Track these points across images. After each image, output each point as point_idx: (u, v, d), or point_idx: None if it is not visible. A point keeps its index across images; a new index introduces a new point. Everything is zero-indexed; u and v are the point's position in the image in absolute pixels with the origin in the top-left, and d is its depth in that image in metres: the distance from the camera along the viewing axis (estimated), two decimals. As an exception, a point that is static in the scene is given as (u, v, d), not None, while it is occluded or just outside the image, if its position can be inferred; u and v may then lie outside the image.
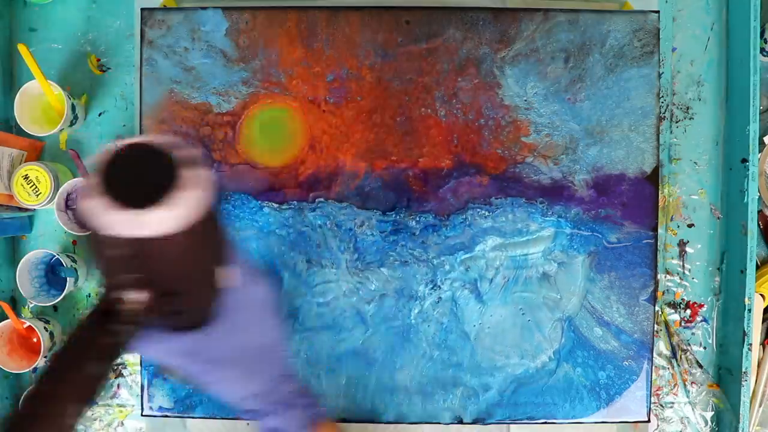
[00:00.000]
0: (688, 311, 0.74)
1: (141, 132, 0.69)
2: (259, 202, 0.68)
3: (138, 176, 0.34)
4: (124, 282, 0.35)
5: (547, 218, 0.69)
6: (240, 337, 0.44)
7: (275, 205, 0.68)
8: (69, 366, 0.35)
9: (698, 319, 0.74)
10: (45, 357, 0.71)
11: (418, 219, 0.69)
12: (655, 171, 0.69)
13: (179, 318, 0.40)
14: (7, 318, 0.70)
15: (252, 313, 0.45)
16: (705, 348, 0.74)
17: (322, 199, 0.68)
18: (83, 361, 0.35)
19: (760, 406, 0.72)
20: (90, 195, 0.33)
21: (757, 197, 0.68)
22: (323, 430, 0.47)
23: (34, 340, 0.72)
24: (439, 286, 0.69)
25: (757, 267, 0.73)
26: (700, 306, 0.74)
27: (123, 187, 0.33)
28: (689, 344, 0.74)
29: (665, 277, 0.74)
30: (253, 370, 0.45)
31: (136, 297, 0.36)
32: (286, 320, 0.52)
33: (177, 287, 0.37)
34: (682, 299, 0.74)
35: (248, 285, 0.45)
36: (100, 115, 0.74)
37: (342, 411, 0.68)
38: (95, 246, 0.35)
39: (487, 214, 0.69)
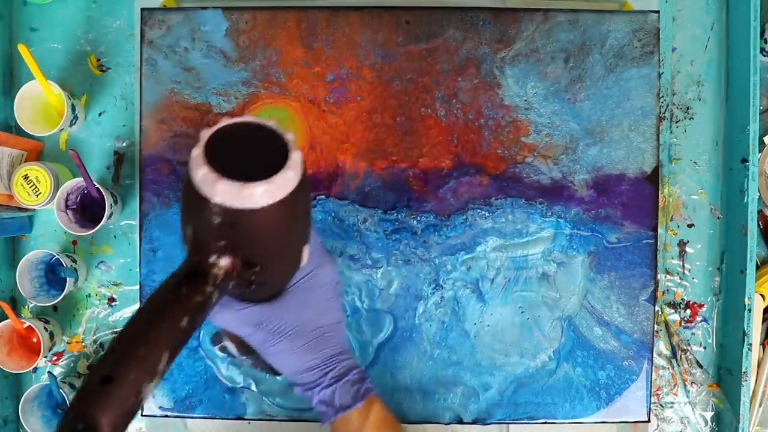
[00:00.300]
0: (688, 311, 0.74)
1: (141, 132, 0.69)
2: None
3: (251, 150, 0.37)
4: (213, 247, 0.37)
5: (547, 219, 0.69)
6: (306, 313, 0.47)
7: (275, 205, 0.68)
8: (164, 316, 0.35)
9: (698, 319, 0.74)
10: (45, 357, 0.71)
11: (419, 218, 0.69)
12: (655, 171, 0.69)
13: (257, 289, 0.42)
14: (7, 318, 0.70)
15: (320, 292, 0.48)
16: (705, 348, 0.74)
17: (323, 197, 0.68)
18: (177, 313, 0.36)
19: (760, 406, 0.72)
20: (202, 162, 0.34)
21: (757, 197, 0.68)
22: (372, 404, 0.49)
23: (34, 340, 0.72)
24: (442, 286, 0.69)
25: (757, 267, 0.73)
26: (700, 306, 0.74)
27: (237, 159, 0.35)
28: (689, 344, 0.74)
29: (665, 277, 0.74)
30: (314, 345, 0.47)
31: (220, 262, 0.37)
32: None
33: (262, 259, 0.38)
34: (682, 299, 0.74)
35: (320, 265, 0.48)
36: (100, 115, 0.74)
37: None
38: (192, 209, 0.36)
39: (487, 214, 0.69)
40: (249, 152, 0.37)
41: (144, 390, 0.33)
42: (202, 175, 0.34)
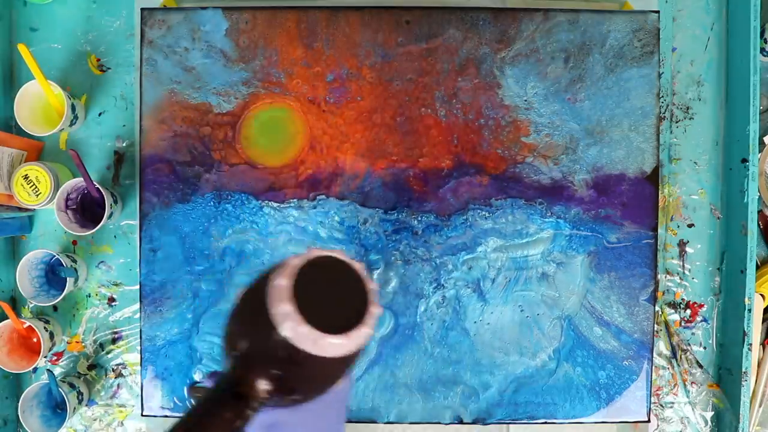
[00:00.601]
0: (688, 311, 0.74)
1: (141, 132, 0.69)
2: (260, 202, 0.68)
3: (335, 295, 0.36)
4: (266, 374, 0.36)
5: (546, 220, 0.69)
6: (317, 426, 0.46)
7: (275, 205, 0.68)
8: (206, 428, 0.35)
9: (698, 319, 0.74)
10: (45, 357, 0.71)
11: (420, 218, 0.69)
12: (655, 171, 0.69)
13: (283, 403, 0.41)
14: (7, 318, 0.70)
15: (333, 405, 0.47)
16: (705, 348, 0.74)
17: (323, 197, 0.68)
18: (213, 428, 0.35)
19: (760, 406, 0.72)
20: (288, 297, 0.34)
21: (757, 197, 0.68)
22: None
23: (34, 340, 0.72)
24: (443, 285, 0.69)
25: (757, 267, 0.73)
26: (700, 306, 0.74)
27: (320, 304, 0.35)
28: (689, 344, 0.74)
29: (665, 277, 0.74)
30: None
31: (264, 387, 0.36)
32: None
33: (306, 393, 0.39)
34: (682, 299, 0.74)
35: (339, 389, 0.46)
36: (100, 115, 0.74)
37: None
38: (256, 327, 0.36)
39: (487, 215, 0.69)
40: (332, 297, 0.36)
41: None
42: (285, 310, 0.33)
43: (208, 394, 0.37)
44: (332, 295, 0.36)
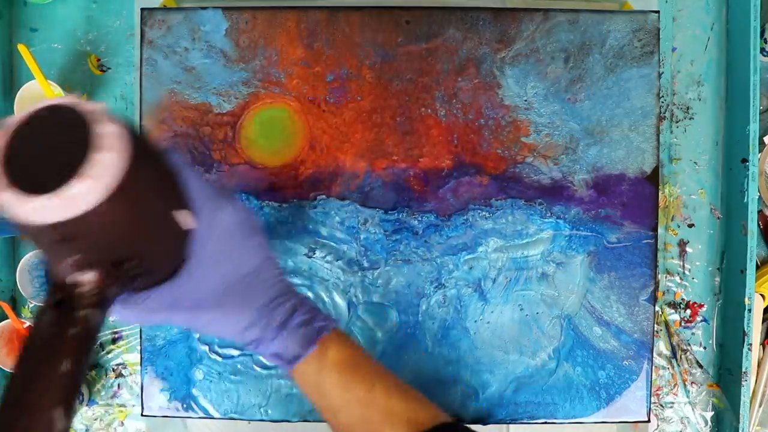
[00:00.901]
0: (688, 311, 0.74)
1: (141, 132, 0.69)
2: (260, 201, 0.68)
3: (42, 153, 0.29)
4: (65, 267, 0.31)
5: (546, 220, 0.69)
6: (219, 270, 0.40)
7: (276, 205, 0.68)
8: (40, 369, 0.31)
9: (698, 319, 0.74)
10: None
11: (420, 218, 0.69)
12: (655, 171, 0.69)
13: (146, 278, 0.36)
14: (7, 318, 0.70)
15: (223, 243, 0.40)
16: (705, 348, 0.74)
17: (324, 196, 0.68)
18: (54, 359, 0.31)
19: (760, 406, 0.72)
20: (2, 187, 0.28)
21: (757, 197, 0.68)
22: (327, 345, 0.42)
23: (34, 340, 0.72)
24: (444, 285, 0.69)
25: (757, 267, 0.73)
26: (700, 306, 0.74)
27: (29, 171, 0.29)
28: (689, 344, 0.74)
29: (665, 277, 0.74)
30: (241, 301, 0.41)
31: (83, 279, 0.32)
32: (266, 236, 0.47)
33: (130, 251, 0.33)
34: (682, 299, 0.74)
35: (215, 213, 0.40)
36: (100, 115, 0.74)
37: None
38: (26, 235, 0.31)
39: (487, 215, 0.69)
40: (47, 153, 0.29)
41: None
42: (8, 201, 0.28)
43: (36, 320, 0.33)
44: (44, 154, 0.29)
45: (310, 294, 0.69)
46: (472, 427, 0.69)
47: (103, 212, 0.29)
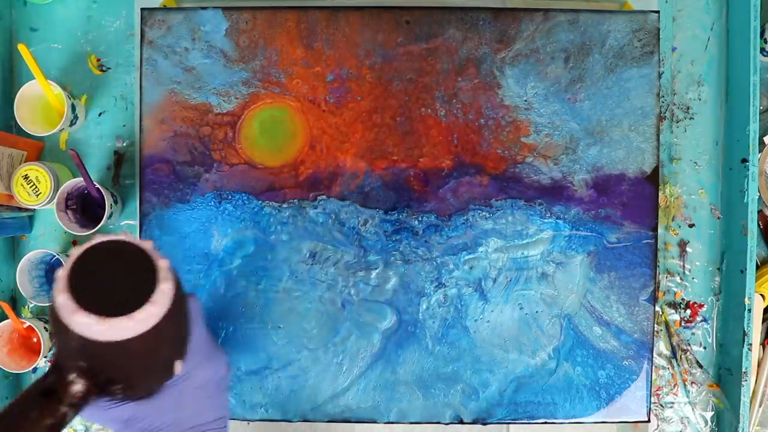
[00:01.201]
0: (688, 311, 0.74)
1: (141, 132, 0.69)
2: (260, 202, 0.68)
3: (118, 278, 0.34)
4: (72, 367, 0.35)
5: (546, 220, 0.69)
6: (180, 413, 0.45)
7: (276, 205, 0.68)
8: None
9: (698, 319, 0.74)
10: (45, 357, 0.71)
11: (420, 218, 0.69)
12: (655, 171, 0.69)
13: (124, 398, 0.41)
14: (7, 318, 0.70)
15: (197, 392, 0.46)
16: (705, 348, 0.74)
17: (324, 197, 0.68)
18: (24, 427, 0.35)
19: (760, 406, 0.72)
20: (63, 287, 0.33)
21: (757, 197, 0.68)
22: None
23: (34, 340, 0.72)
24: (444, 284, 0.69)
25: (757, 267, 0.73)
26: (700, 306, 0.74)
27: (102, 288, 0.34)
28: (689, 344, 0.74)
29: (665, 277, 0.74)
30: None
31: (76, 386, 0.36)
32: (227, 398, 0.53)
33: (127, 379, 0.37)
34: (682, 299, 0.74)
35: (198, 367, 0.46)
36: (100, 115, 0.74)
37: (345, 409, 0.68)
38: (55, 326, 0.35)
39: (487, 215, 0.69)
40: (115, 280, 0.35)
41: None
42: (61, 300, 0.33)
43: (18, 397, 0.36)
44: (115, 279, 0.35)
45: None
46: (472, 427, 0.69)
47: (128, 345, 0.33)
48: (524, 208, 0.69)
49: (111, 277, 0.35)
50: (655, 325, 0.70)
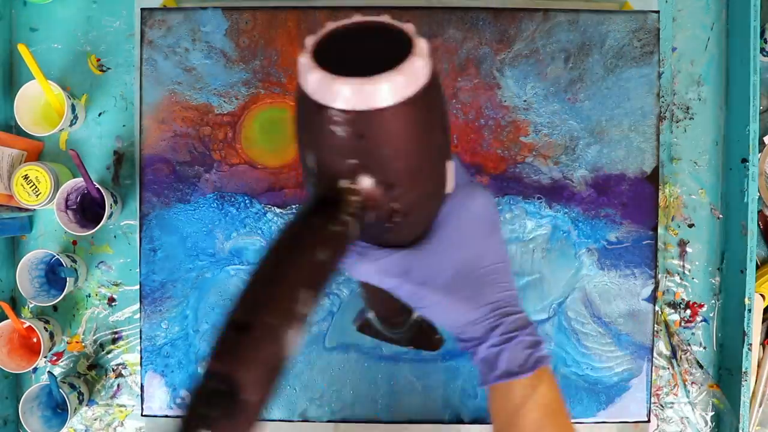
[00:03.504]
0: (688, 311, 0.74)
1: (141, 132, 0.69)
2: (262, 206, 0.68)
3: (368, 48, 0.32)
4: (345, 168, 0.31)
5: (545, 218, 0.69)
6: (460, 255, 0.39)
7: (278, 211, 0.68)
8: (297, 249, 0.30)
9: (698, 319, 0.74)
10: (45, 357, 0.71)
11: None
12: (655, 171, 0.69)
13: (399, 227, 0.36)
14: (7, 318, 0.70)
15: (474, 227, 0.40)
16: (705, 348, 0.74)
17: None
18: (311, 245, 0.31)
19: (760, 406, 0.72)
20: (314, 66, 0.29)
21: (757, 197, 0.68)
22: (542, 378, 0.40)
23: (34, 340, 0.72)
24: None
25: (757, 267, 0.73)
26: (700, 306, 0.74)
27: (354, 59, 0.31)
28: (689, 344, 0.74)
29: (665, 277, 0.74)
30: (474, 294, 0.40)
31: (360, 184, 0.32)
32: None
33: (400, 178, 0.32)
34: (682, 299, 0.74)
35: (468, 196, 0.40)
36: (100, 115, 0.74)
37: (344, 409, 0.68)
38: (311, 129, 0.32)
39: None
40: (366, 50, 0.32)
41: (286, 338, 0.28)
42: (316, 80, 0.29)
43: (296, 213, 0.33)
44: (365, 50, 0.32)
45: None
46: (472, 427, 0.69)
47: (398, 116, 0.30)
48: (523, 206, 0.69)
49: (360, 48, 0.32)
50: (655, 325, 0.70)
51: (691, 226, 0.74)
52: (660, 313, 0.73)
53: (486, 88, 0.69)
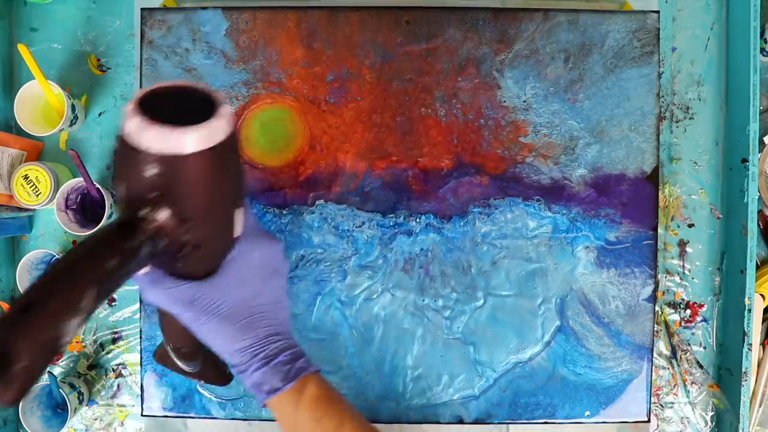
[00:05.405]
0: (688, 311, 0.74)
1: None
2: (262, 206, 0.68)
3: (182, 105, 0.38)
4: (146, 199, 0.37)
5: (546, 218, 0.69)
6: (239, 293, 0.46)
7: (277, 211, 0.68)
8: (91, 254, 0.36)
9: (698, 319, 0.74)
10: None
11: (419, 219, 0.69)
12: (655, 171, 0.69)
13: (189, 259, 0.41)
14: (7, 318, 0.70)
15: (256, 272, 0.47)
16: (705, 348, 0.74)
17: (322, 201, 0.68)
18: (105, 253, 0.36)
19: (760, 406, 0.72)
20: (134, 114, 0.35)
21: (757, 197, 0.68)
22: (306, 383, 0.47)
23: (34, 340, 0.72)
24: (444, 283, 0.69)
25: (757, 267, 0.73)
26: (700, 306, 0.74)
27: (169, 111, 0.36)
28: (689, 344, 0.74)
29: (665, 277, 0.74)
30: (245, 326, 0.46)
31: (157, 214, 0.37)
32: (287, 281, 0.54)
33: (194, 214, 0.38)
34: (682, 299, 0.74)
35: (256, 246, 0.47)
36: (100, 115, 0.74)
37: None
38: (124, 164, 0.37)
39: (487, 214, 0.69)
40: (180, 106, 0.38)
41: (64, 326, 0.33)
42: (133, 125, 0.35)
43: (98, 230, 0.38)
44: (179, 106, 0.38)
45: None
46: (472, 427, 0.69)
47: (198, 162, 0.36)
48: (523, 206, 0.69)
49: (176, 104, 0.38)
50: (655, 325, 0.70)
51: (691, 226, 0.74)
52: (660, 313, 0.73)
53: (486, 88, 0.69)
